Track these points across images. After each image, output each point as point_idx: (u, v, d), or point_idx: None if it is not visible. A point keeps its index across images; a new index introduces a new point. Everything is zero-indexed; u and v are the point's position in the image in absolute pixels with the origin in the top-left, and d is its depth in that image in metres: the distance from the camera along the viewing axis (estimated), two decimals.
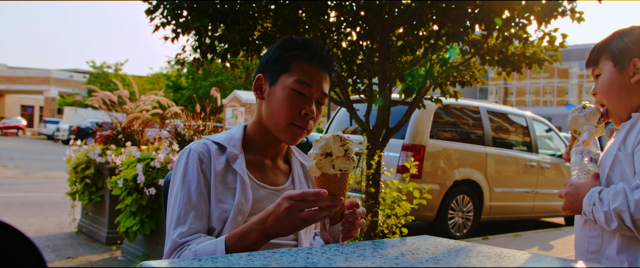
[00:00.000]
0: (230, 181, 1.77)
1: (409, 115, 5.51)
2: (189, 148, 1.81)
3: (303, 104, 1.78)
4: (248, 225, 1.57)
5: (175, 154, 5.59)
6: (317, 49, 1.82)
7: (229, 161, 1.80)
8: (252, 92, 15.05)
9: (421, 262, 1.22)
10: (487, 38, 5.41)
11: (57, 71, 53.05)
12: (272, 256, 1.18)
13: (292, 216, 1.47)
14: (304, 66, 1.80)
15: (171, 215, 1.72)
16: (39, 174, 15.09)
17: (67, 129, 35.42)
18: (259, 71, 1.89)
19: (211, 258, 1.12)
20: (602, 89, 2.00)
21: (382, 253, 1.30)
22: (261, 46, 5.61)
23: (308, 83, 1.78)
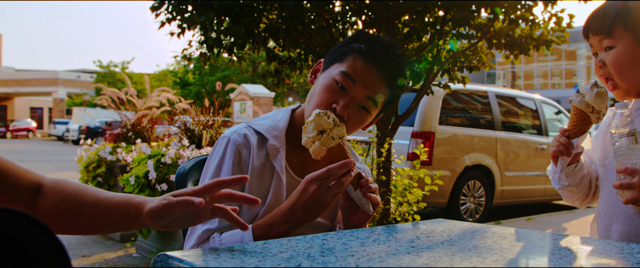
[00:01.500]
0: (266, 178, 1.67)
1: (417, 102, 5.50)
2: (228, 138, 1.69)
3: (339, 98, 1.63)
4: (274, 216, 1.53)
5: (185, 149, 5.61)
6: (379, 48, 1.65)
7: (268, 154, 1.68)
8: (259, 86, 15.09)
9: (437, 244, 1.22)
10: (493, 21, 5.39)
11: (64, 72, 53.29)
12: (288, 243, 1.18)
13: (322, 196, 1.45)
14: (358, 61, 1.64)
15: None
16: (51, 175, 15.12)
17: (76, 129, 35.60)
18: (324, 56, 1.78)
19: (228, 248, 1.12)
20: (619, 65, 1.76)
21: (398, 237, 1.30)
22: (267, 38, 5.62)
23: (352, 78, 1.62)
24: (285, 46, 5.64)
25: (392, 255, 1.09)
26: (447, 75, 6.09)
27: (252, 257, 1.04)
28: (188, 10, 5.27)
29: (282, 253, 1.08)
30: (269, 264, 0.99)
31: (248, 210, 1.64)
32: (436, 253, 1.13)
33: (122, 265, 5.57)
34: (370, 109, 1.67)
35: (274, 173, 1.67)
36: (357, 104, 1.64)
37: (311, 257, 1.06)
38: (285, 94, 33.75)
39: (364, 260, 1.05)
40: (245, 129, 1.71)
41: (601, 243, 1.33)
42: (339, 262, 1.03)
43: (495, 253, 1.14)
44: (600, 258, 1.16)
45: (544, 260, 1.11)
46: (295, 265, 0.99)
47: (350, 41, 1.68)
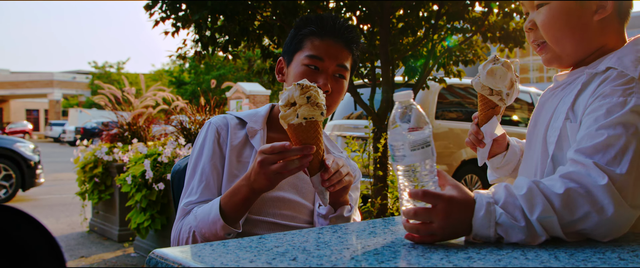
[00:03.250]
0: (246, 155, 1.80)
1: (414, 96, 5.50)
2: (209, 122, 1.85)
3: (316, 78, 1.76)
4: (238, 182, 1.60)
5: (181, 148, 5.60)
6: (328, 23, 1.80)
7: (247, 136, 1.82)
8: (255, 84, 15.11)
9: None
10: (488, 15, 5.39)
11: (59, 73, 53.17)
12: (283, 237, 1.18)
13: (265, 169, 1.47)
14: (316, 41, 1.79)
15: (186, 186, 1.78)
16: (48, 177, 15.13)
17: (73, 131, 35.55)
18: (281, 55, 1.92)
19: (222, 243, 1.12)
20: (553, 26, 1.49)
21: (394, 229, 1.30)
22: (262, 36, 5.61)
23: (319, 56, 1.77)
24: (280, 43, 5.64)
25: (387, 248, 1.09)
26: (442, 69, 6.09)
27: (247, 252, 1.03)
28: (182, 9, 5.26)
29: (277, 247, 1.08)
30: (264, 259, 0.98)
31: (228, 187, 1.72)
32: (432, 245, 1.13)
33: (120, 265, 5.57)
34: (345, 75, 1.83)
35: (252, 152, 1.79)
36: (332, 76, 1.79)
37: (306, 251, 1.06)
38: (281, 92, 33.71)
39: (359, 252, 1.05)
40: (226, 115, 1.89)
41: None
42: (334, 255, 1.02)
43: (491, 244, 1.14)
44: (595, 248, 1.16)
45: (539, 250, 1.11)
46: (290, 259, 0.99)
47: (298, 30, 1.83)
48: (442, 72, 6.20)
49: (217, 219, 1.57)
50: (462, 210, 1.15)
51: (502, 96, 1.62)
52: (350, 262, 0.99)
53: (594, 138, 1.23)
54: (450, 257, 1.02)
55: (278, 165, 1.46)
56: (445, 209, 1.14)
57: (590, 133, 1.25)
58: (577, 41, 1.48)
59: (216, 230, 1.57)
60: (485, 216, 1.14)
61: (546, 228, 1.13)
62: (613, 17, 1.47)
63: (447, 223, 1.14)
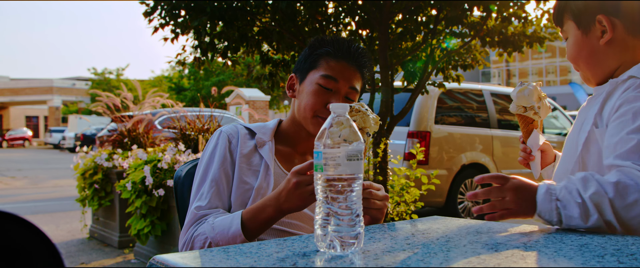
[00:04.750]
0: (255, 164, 1.84)
1: (412, 101, 5.51)
2: (220, 130, 1.91)
3: (329, 98, 1.82)
4: (263, 201, 1.62)
5: (181, 154, 5.60)
6: (344, 46, 1.86)
7: (257, 146, 1.87)
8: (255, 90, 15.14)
9: (432, 241, 1.22)
10: (486, 19, 5.40)
11: (59, 80, 53.22)
12: (283, 243, 1.18)
13: (300, 190, 1.49)
14: (331, 62, 1.84)
15: (195, 190, 1.81)
16: (48, 183, 15.14)
17: (72, 137, 35.54)
18: (293, 72, 1.96)
19: (223, 249, 1.12)
20: (570, 55, 1.72)
21: (393, 234, 1.30)
22: (261, 41, 5.62)
23: (334, 77, 1.82)
24: (279, 49, 5.65)
25: (387, 253, 1.10)
26: (441, 74, 6.10)
27: (247, 257, 1.04)
28: (181, 15, 5.26)
29: (277, 253, 1.08)
30: (265, 264, 0.99)
31: (238, 195, 1.78)
32: (431, 249, 1.13)
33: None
34: (354, 98, 1.87)
35: (262, 162, 1.84)
36: (343, 97, 1.85)
37: (306, 256, 1.06)
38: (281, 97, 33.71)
39: (359, 257, 1.06)
40: (236, 125, 1.93)
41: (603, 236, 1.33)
42: (334, 261, 1.03)
43: (491, 248, 1.14)
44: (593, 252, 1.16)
45: (537, 254, 1.11)
46: (290, 264, 0.99)
47: (314, 49, 1.88)
48: (441, 77, 6.21)
49: (238, 234, 1.60)
50: (527, 189, 1.39)
51: (535, 110, 1.83)
52: (351, 265, 0.99)
53: (627, 143, 1.39)
54: (450, 261, 1.03)
55: (313, 186, 1.47)
56: (514, 185, 1.40)
57: (623, 138, 1.41)
58: (591, 66, 1.67)
59: (235, 244, 1.58)
60: (547, 193, 1.35)
61: (598, 209, 1.29)
62: (623, 36, 1.60)
63: (517, 197, 1.38)
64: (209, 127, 6.10)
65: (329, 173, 1.11)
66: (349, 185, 1.11)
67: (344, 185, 1.11)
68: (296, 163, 1.92)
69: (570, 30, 1.69)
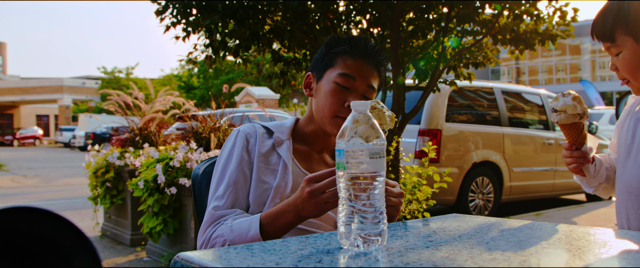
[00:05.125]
0: (273, 163, 1.84)
1: (424, 99, 5.50)
2: (238, 129, 1.90)
3: (347, 97, 1.81)
4: (282, 206, 1.61)
5: (193, 152, 5.62)
6: (361, 44, 1.85)
7: (274, 145, 1.87)
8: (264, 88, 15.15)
9: (454, 238, 1.22)
10: (498, 17, 5.38)
11: (69, 79, 53.42)
12: (306, 240, 1.19)
13: (315, 199, 1.48)
14: (348, 60, 1.83)
15: (213, 190, 1.81)
16: (59, 182, 15.22)
17: (82, 136, 35.70)
18: (309, 70, 1.95)
19: (247, 246, 1.13)
20: (629, 68, 1.78)
21: (414, 232, 1.30)
22: (272, 40, 5.62)
23: (351, 76, 1.81)
24: (291, 47, 5.65)
25: (410, 250, 1.10)
26: (452, 72, 6.08)
27: (271, 255, 1.04)
28: (193, 14, 5.28)
29: (301, 250, 1.08)
30: (289, 262, 0.99)
31: (257, 195, 1.78)
32: (454, 247, 1.13)
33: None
34: (371, 96, 1.86)
35: (280, 161, 1.84)
36: (360, 95, 1.83)
37: (330, 254, 1.06)
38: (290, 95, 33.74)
39: (383, 255, 1.06)
40: (254, 124, 1.93)
41: (618, 234, 1.33)
42: (358, 258, 1.03)
43: (514, 245, 1.14)
44: (616, 249, 1.16)
45: (561, 251, 1.11)
46: (315, 262, 1.00)
47: (331, 47, 1.87)
48: (452, 75, 6.19)
49: (257, 238, 1.59)
50: None
51: (585, 113, 1.88)
52: (376, 263, 0.99)
53: None
54: (475, 259, 1.03)
55: (328, 194, 1.47)
56: None
57: None
58: None
59: None
60: None
61: None
62: None
63: None
64: (221, 126, 6.11)
65: (352, 171, 1.11)
66: (371, 183, 1.11)
67: (367, 182, 1.11)
68: (314, 161, 1.92)
69: (625, 45, 1.76)
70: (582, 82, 33.36)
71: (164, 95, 7.60)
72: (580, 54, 51.97)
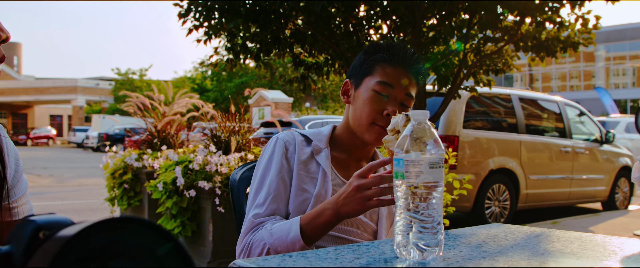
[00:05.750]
0: (313, 171, 1.83)
1: (445, 105, 5.49)
2: (276, 137, 1.89)
3: (385, 105, 1.80)
4: (323, 204, 1.61)
5: (212, 156, 5.63)
6: (400, 51, 1.84)
7: (313, 153, 1.86)
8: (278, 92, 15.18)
9: (507, 249, 1.21)
10: (520, 25, 5.36)
11: (83, 80, 53.79)
12: (358, 249, 1.18)
13: (360, 194, 1.48)
14: (387, 68, 1.82)
15: (252, 198, 1.80)
16: (73, 182, 15.30)
17: (96, 137, 35.90)
18: (347, 77, 1.95)
19: (302, 254, 1.12)
20: None
21: (464, 242, 1.30)
22: (293, 44, 5.63)
23: (390, 84, 1.80)
24: (311, 52, 5.66)
25: (468, 260, 1.09)
26: (472, 78, 6.07)
27: (328, 262, 1.03)
28: (215, 17, 5.30)
29: (358, 259, 1.08)
30: None
31: (297, 203, 1.77)
32: (511, 257, 1.12)
33: None
34: (410, 104, 1.86)
35: (320, 168, 1.84)
36: (399, 104, 1.83)
37: (389, 263, 1.05)
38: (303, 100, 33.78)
39: (440, 265, 1.05)
40: (292, 132, 1.93)
41: None
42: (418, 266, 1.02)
43: (569, 257, 1.13)
44: None
45: (618, 262, 1.10)
46: None
47: (369, 55, 1.86)
48: (471, 81, 6.18)
49: (297, 240, 1.58)
50: None
51: None
52: None
53: None
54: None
55: (373, 191, 1.47)
56: None
57: None
58: None
59: (294, 249, 1.58)
60: None
61: None
62: None
63: None
64: (240, 129, 6.12)
65: (411, 180, 1.10)
66: (431, 193, 1.10)
67: (426, 192, 1.10)
68: (352, 170, 1.91)
69: None
70: (597, 89, 33.13)
71: (184, 97, 7.62)
72: (595, 61, 51.69)
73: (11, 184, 1.29)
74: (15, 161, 1.33)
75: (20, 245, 0.64)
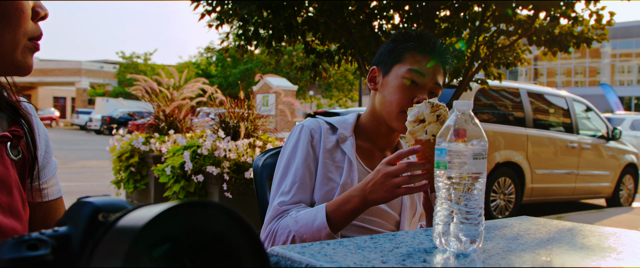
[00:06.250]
0: (338, 160, 1.82)
1: (457, 97, 5.47)
2: (302, 124, 1.87)
3: (415, 93, 1.78)
4: (349, 192, 1.59)
5: (221, 141, 5.62)
6: (430, 41, 1.83)
7: (338, 141, 1.84)
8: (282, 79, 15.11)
9: (544, 242, 1.20)
10: (535, 19, 5.33)
11: (87, 62, 53.75)
12: (394, 238, 1.17)
13: (389, 181, 1.47)
14: (417, 56, 1.81)
15: (277, 185, 1.78)
16: (77, 164, 15.31)
17: (99, 119, 35.92)
18: (373, 64, 1.93)
19: (339, 242, 1.11)
20: None
21: (497, 234, 1.28)
22: (305, 31, 5.61)
23: (421, 72, 1.79)
24: (324, 40, 5.63)
25: (509, 252, 1.08)
26: (482, 71, 6.04)
27: (371, 252, 1.02)
28: (228, 3, 5.28)
29: (397, 248, 1.07)
30: (394, 261, 0.97)
31: (323, 192, 1.75)
32: (550, 251, 1.11)
33: None
34: (438, 93, 1.85)
35: (345, 157, 1.82)
36: (428, 92, 1.82)
37: (428, 252, 1.04)
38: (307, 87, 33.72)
39: (483, 256, 1.04)
40: (318, 119, 1.91)
41: None
42: (462, 259, 1.01)
43: (611, 252, 1.12)
44: None
45: None
46: (420, 261, 0.98)
47: (398, 43, 1.85)
48: (481, 74, 6.15)
49: (323, 227, 1.57)
50: None
51: None
52: (485, 263, 0.97)
53: None
54: (581, 263, 1.01)
55: (402, 178, 1.46)
56: None
57: None
58: None
59: (320, 237, 1.56)
60: None
61: None
62: None
63: None
64: (249, 115, 6.11)
65: (454, 171, 1.09)
66: (473, 184, 1.09)
67: (469, 183, 1.09)
68: (376, 159, 1.89)
69: None
70: (602, 85, 33.07)
71: (193, 82, 7.61)
72: (601, 58, 51.53)
73: (41, 165, 1.28)
74: (46, 142, 1.32)
75: (78, 227, 0.62)
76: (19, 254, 0.58)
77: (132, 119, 25.50)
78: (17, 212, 1.10)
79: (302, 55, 29.28)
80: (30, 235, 0.60)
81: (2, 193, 1.07)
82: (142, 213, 0.54)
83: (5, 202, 1.07)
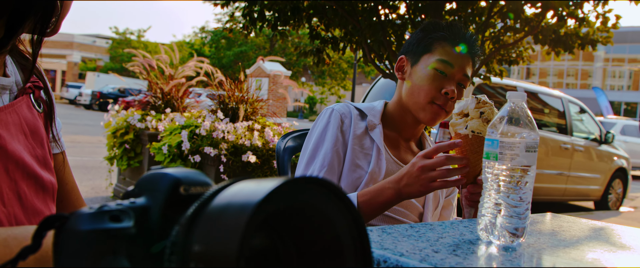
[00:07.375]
0: (367, 147, 1.79)
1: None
2: (332, 108, 1.84)
3: (444, 84, 1.77)
4: (383, 183, 1.57)
5: (219, 122, 5.58)
6: (460, 32, 1.82)
7: (367, 128, 1.81)
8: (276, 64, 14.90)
9: (583, 239, 1.19)
10: (542, 17, 5.32)
11: (80, 36, 53.27)
12: (436, 228, 1.15)
13: (425, 175, 1.46)
14: (447, 47, 1.79)
15: (304, 169, 1.76)
16: (65, 138, 14.99)
17: (89, 94, 35.62)
18: (401, 53, 1.90)
19: (381, 228, 1.09)
20: None
21: (534, 229, 1.27)
22: (311, 16, 5.57)
23: (450, 63, 1.77)
24: (329, 25, 5.59)
25: (554, 247, 1.06)
26: (484, 67, 6.04)
27: (417, 241, 1.00)
28: None
29: (442, 238, 1.05)
30: (444, 250, 0.95)
31: (351, 179, 1.74)
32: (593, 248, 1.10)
33: None
34: (466, 84, 1.84)
35: (374, 144, 1.79)
36: (456, 83, 1.80)
37: (474, 245, 1.03)
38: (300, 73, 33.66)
39: (530, 250, 1.02)
40: (348, 104, 1.87)
41: None
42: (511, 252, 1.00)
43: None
44: None
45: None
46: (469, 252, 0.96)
47: (428, 33, 1.83)
48: (482, 70, 6.15)
49: None
50: None
51: None
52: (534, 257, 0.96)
53: None
54: (630, 260, 0.99)
55: (438, 172, 1.45)
56: None
57: None
58: None
59: None
60: None
61: None
62: None
63: None
64: (248, 98, 6.07)
65: (506, 163, 1.07)
66: (523, 177, 1.07)
67: (519, 176, 1.07)
68: (401, 149, 1.87)
69: None
70: (594, 88, 33.25)
71: (195, 61, 7.52)
72: (593, 61, 51.78)
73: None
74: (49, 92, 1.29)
75: (158, 199, 0.59)
76: (101, 225, 0.55)
77: (123, 95, 25.15)
78: (50, 165, 1.08)
79: (297, 41, 29.22)
80: (109, 206, 0.57)
81: (36, 146, 1.04)
82: (243, 187, 0.51)
83: (40, 155, 1.04)
